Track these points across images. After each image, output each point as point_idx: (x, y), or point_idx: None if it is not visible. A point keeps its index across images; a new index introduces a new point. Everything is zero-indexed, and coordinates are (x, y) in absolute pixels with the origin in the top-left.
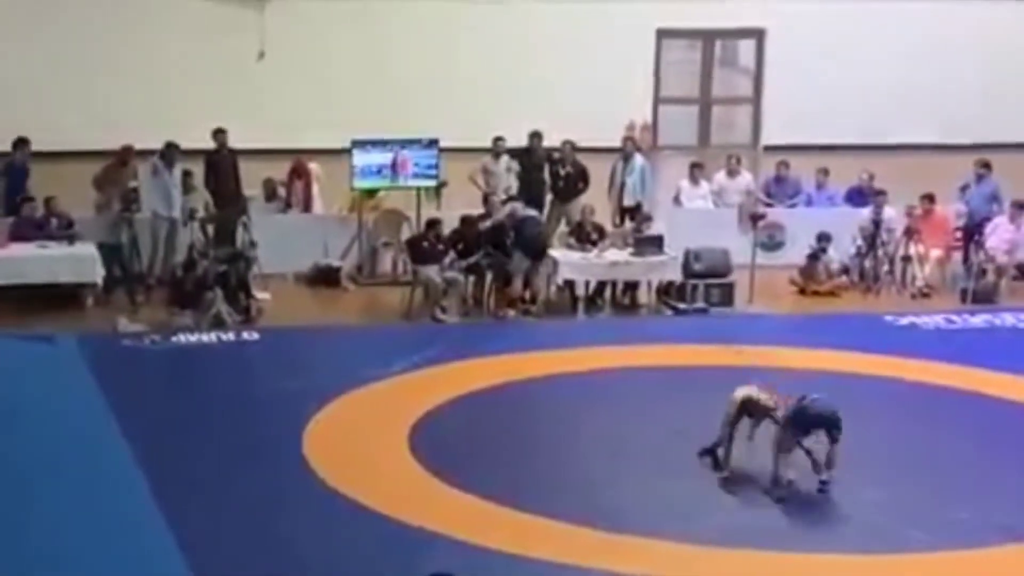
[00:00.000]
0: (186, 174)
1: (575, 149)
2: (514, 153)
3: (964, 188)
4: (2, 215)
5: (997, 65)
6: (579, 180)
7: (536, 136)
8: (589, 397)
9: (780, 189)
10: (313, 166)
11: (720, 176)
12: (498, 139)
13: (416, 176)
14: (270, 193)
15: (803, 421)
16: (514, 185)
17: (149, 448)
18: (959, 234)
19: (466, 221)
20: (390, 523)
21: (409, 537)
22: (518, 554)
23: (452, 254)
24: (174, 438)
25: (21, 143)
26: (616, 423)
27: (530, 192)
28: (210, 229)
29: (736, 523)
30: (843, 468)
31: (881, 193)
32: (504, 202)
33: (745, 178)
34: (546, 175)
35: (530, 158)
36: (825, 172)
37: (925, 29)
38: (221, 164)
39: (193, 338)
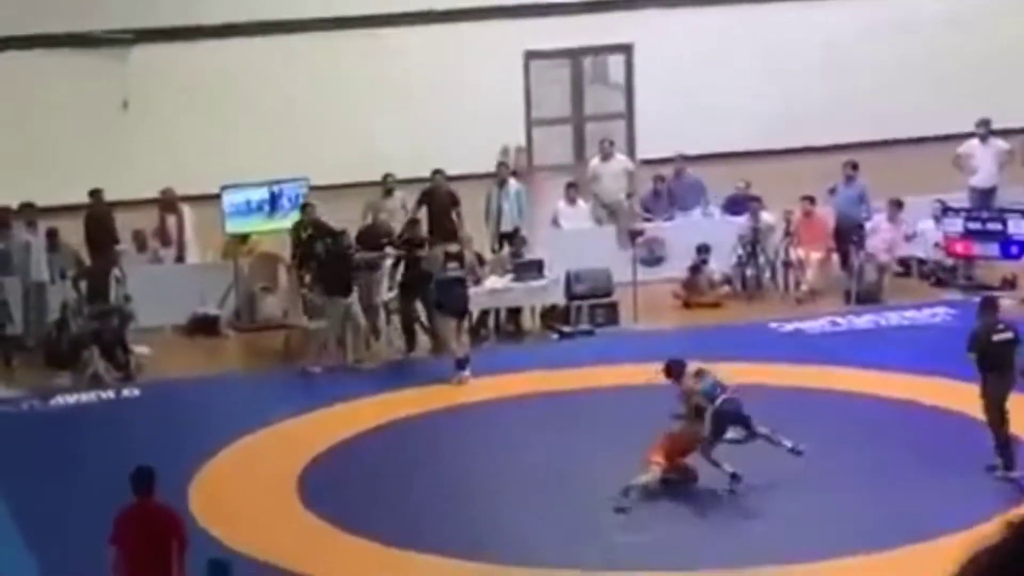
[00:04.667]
0: (51, 234)
1: (447, 179)
2: (421, 197)
3: (832, 191)
4: None
5: (875, 63)
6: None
7: (439, 173)
8: (475, 430)
9: (658, 204)
10: (184, 208)
11: (595, 162)
12: (388, 175)
13: (288, 215)
14: (140, 244)
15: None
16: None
17: (30, 516)
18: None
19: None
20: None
21: None
22: None
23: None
24: (55, 504)
25: None
26: (504, 455)
27: (443, 235)
28: (83, 286)
29: (638, 544)
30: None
31: (755, 199)
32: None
33: (620, 161)
34: (454, 215)
35: (433, 198)
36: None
37: (787, 34)
38: (100, 220)
39: (72, 399)
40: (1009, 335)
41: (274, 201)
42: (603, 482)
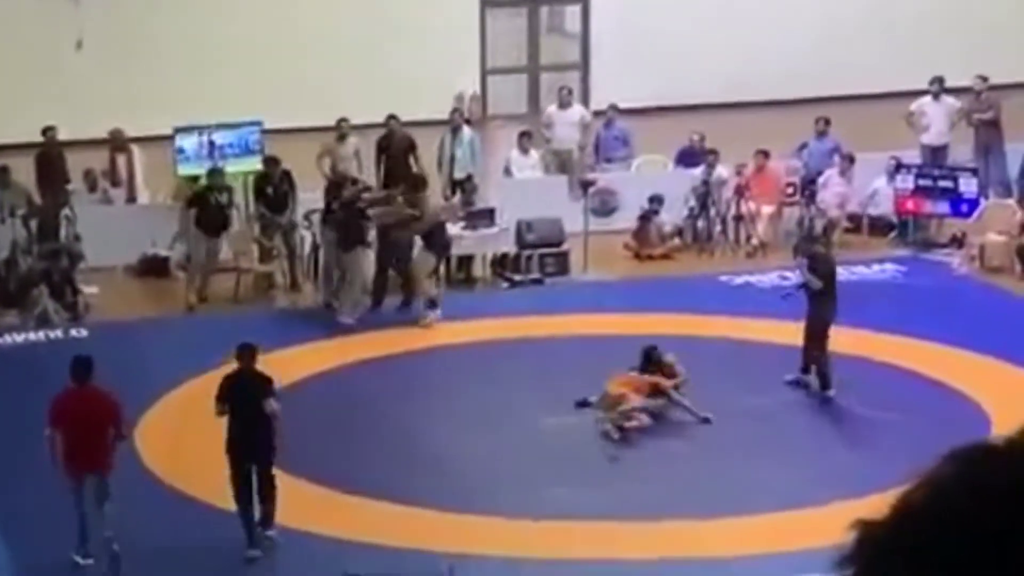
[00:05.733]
0: (2, 171)
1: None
2: (379, 143)
3: (803, 147)
4: None
5: (830, 18)
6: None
7: (393, 118)
8: (423, 377)
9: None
10: (134, 148)
11: (551, 109)
12: (342, 120)
13: (240, 158)
14: (91, 184)
15: None
16: (357, 168)
17: None
18: (791, 190)
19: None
20: (221, 514)
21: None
22: (364, 541)
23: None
24: (1, 441)
25: None
26: (451, 402)
27: (398, 180)
28: (33, 225)
29: (579, 496)
30: (684, 432)
31: (712, 152)
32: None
33: (576, 110)
34: (412, 161)
35: (390, 144)
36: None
37: None
38: (51, 160)
39: (20, 338)
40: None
41: (226, 144)
42: (547, 430)
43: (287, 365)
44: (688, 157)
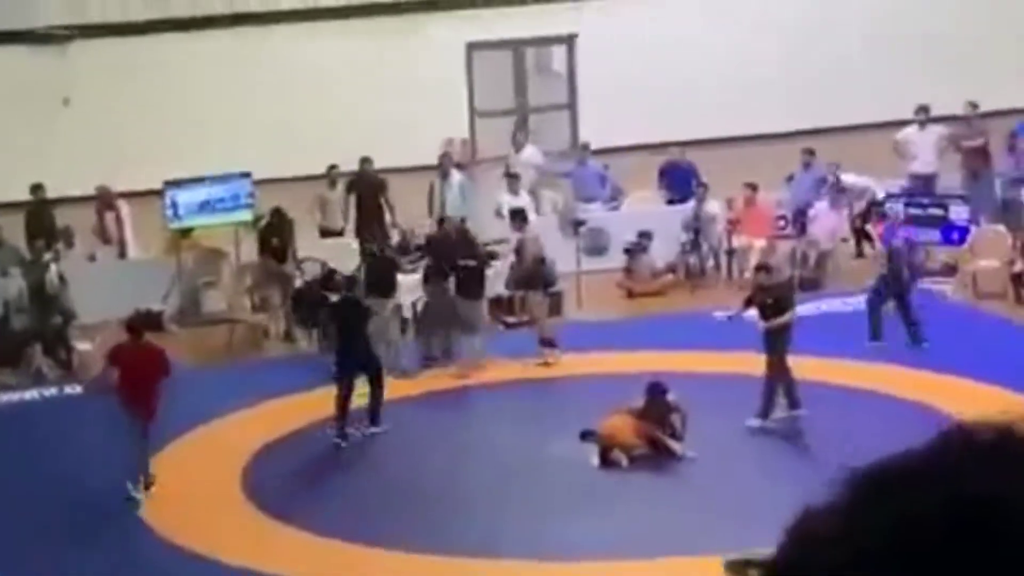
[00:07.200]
0: None
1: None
2: (349, 185)
3: (790, 178)
4: None
5: (804, 54)
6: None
7: (366, 161)
8: (417, 422)
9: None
10: (122, 204)
11: (511, 152)
12: (332, 167)
13: (231, 210)
14: (68, 241)
15: None
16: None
17: None
18: (782, 222)
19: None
20: (228, 570)
21: None
22: None
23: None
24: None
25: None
26: (448, 446)
27: (370, 222)
28: (24, 283)
29: (591, 533)
30: (676, 468)
31: (702, 186)
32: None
33: (527, 152)
34: (383, 201)
35: (361, 185)
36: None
37: (728, 23)
38: (41, 218)
39: (15, 396)
40: None
41: (217, 196)
42: (542, 471)
43: (287, 413)
44: (671, 171)
